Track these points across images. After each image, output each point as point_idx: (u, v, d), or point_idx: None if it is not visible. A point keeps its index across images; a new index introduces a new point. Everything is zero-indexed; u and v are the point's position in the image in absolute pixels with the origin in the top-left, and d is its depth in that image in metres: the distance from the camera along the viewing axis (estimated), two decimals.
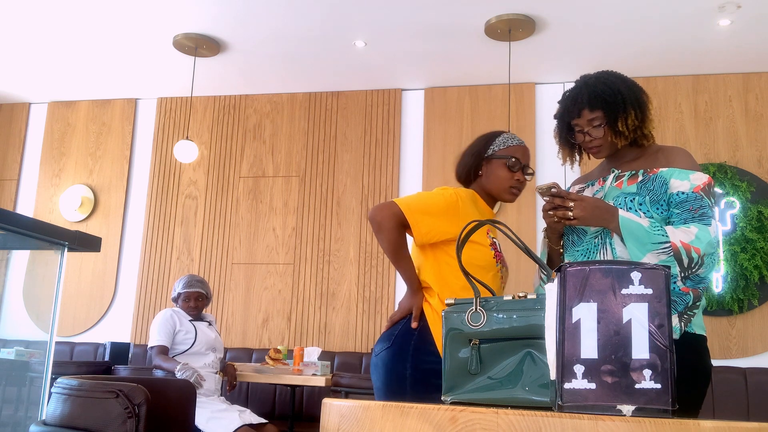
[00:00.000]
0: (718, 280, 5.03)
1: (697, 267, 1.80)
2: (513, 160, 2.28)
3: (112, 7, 4.76)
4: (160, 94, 6.33)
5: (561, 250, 2.04)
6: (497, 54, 5.18)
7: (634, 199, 1.93)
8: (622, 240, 1.85)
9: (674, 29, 4.77)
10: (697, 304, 1.85)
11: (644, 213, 1.91)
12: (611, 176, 2.03)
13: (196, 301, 4.06)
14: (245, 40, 5.22)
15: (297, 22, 4.87)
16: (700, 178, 1.89)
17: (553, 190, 1.85)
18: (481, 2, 4.55)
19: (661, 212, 1.90)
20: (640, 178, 1.95)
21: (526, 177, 2.33)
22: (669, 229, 1.82)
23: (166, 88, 6.18)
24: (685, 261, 1.79)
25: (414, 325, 2.08)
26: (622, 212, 1.86)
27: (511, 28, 4.80)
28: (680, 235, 1.80)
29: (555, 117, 2.12)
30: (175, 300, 4.13)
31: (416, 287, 2.13)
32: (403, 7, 4.62)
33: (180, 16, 4.91)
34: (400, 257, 2.11)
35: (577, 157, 2.16)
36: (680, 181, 1.89)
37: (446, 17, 4.74)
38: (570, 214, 1.84)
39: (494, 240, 2.28)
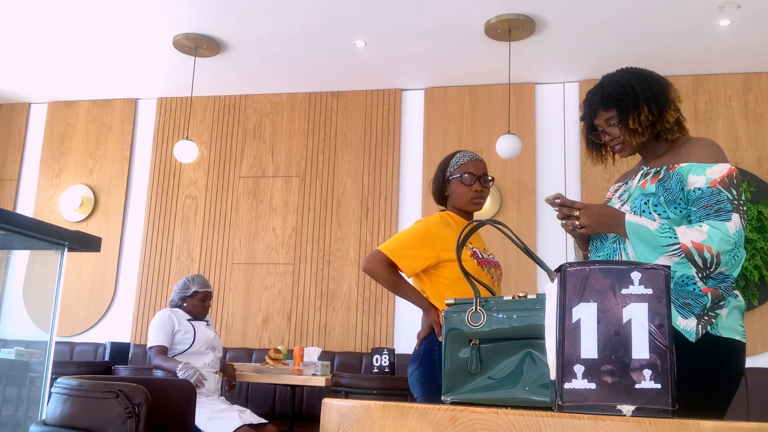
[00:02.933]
0: None
1: (714, 266, 1.74)
2: (466, 176, 2.60)
3: (113, 7, 4.76)
4: (160, 94, 6.33)
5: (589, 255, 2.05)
6: (497, 54, 5.18)
7: (649, 200, 1.88)
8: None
9: (674, 29, 4.77)
10: (720, 304, 1.79)
11: (659, 214, 1.85)
12: (639, 174, 2.00)
13: (209, 301, 4.09)
14: (245, 40, 5.22)
15: (297, 22, 4.87)
16: (719, 171, 1.81)
17: (557, 200, 1.85)
18: (481, 2, 4.55)
19: (679, 211, 1.84)
20: (662, 175, 1.90)
21: (485, 186, 2.65)
22: (680, 229, 1.77)
23: (166, 88, 6.18)
24: (699, 261, 1.74)
25: (441, 338, 2.37)
26: (629, 216, 1.83)
27: (511, 28, 4.80)
28: (692, 234, 1.75)
29: (580, 119, 2.13)
30: (187, 298, 4.03)
31: (427, 306, 2.45)
32: (403, 7, 4.62)
33: (180, 16, 4.91)
34: (400, 289, 2.48)
35: (610, 157, 2.13)
36: (697, 176, 1.83)
37: (446, 17, 4.74)
38: (577, 223, 1.84)
39: (474, 249, 2.57)
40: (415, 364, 2.43)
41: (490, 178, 2.66)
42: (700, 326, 1.77)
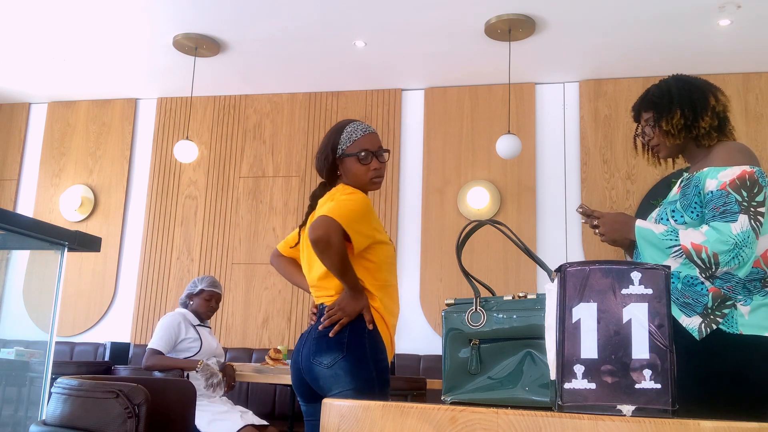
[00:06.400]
0: None
1: (714, 267, 1.78)
2: (363, 154, 2.26)
3: (113, 7, 4.77)
4: (160, 94, 6.33)
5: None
6: (497, 54, 5.18)
7: (667, 209, 1.96)
8: None
9: (674, 29, 4.77)
10: (728, 303, 1.82)
11: (676, 220, 1.91)
12: (679, 181, 2.06)
13: (216, 302, 4.05)
14: (245, 40, 5.22)
15: (297, 22, 4.87)
16: (731, 174, 1.85)
17: (578, 210, 1.98)
18: (481, 2, 4.55)
19: (696, 215, 1.90)
20: (687, 181, 1.97)
21: (382, 161, 2.32)
22: (684, 232, 1.83)
23: (166, 88, 6.18)
24: (699, 262, 1.79)
25: (371, 327, 2.17)
26: (638, 222, 1.90)
27: (511, 28, 4.80)
28: (692, 236, 1.80)
29: (634, 120, 2.24)
30: (193, 296, 3.99)
31: (361, 288, 2.18)
32: (403, 7, 4.62)
33: (180, 16, 4.91)
34: (347, 267, 2.13)
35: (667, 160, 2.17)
36: (711, 179, 1.88)
37: (446, 17, 4.74)
38: (597, 232, 1.95)
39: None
40: (337, 353, 2.12)
41: (386, 150, 2.34)
42: (703, 325, 1.81)
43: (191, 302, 4.01)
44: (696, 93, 2.02)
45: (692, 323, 1.81)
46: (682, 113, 1.99)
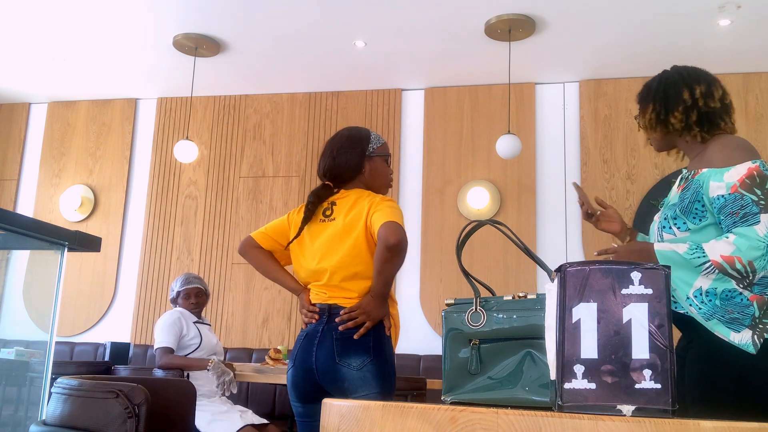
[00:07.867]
0: None
1: (751, 275, 1.72)
2: (389, 156, 2.44)
3: (113, 7, 4.77)
4: (160, 94, 6.33)
5: None
6: (497, 54, 5.18)
7: (668, 215, 1.91)
8: None
9: (674, 29, 4.77)
10: None
11: (678, 227, 1.86)
12: (678, 178, 2.01)
13: (196, 297, 4.01)
14: (245, 40, 5.22)
15: (297, 22, 4.87)
16: (737, 174, 1.77)
17: (575, 186, 2.20)
18: (481, 2, 4.55)
19: (698, 220, 1.83)
20: (687, 183, 1.91)
21: None
22: (709, 246, 1.75)
23: (166, 88, 6.18)
24: (734, 273, 1.72)
25: (389, 333, 2.24)
26: (657, 246, 1.83)
27: (511, 28, 4.80)
28: (720, 248, 1.72)
29: None
30: (174, 300, 4.05)
31: (387, 297, 2.24)
32: (403, 7, 4.62)
33: (180, 16, 4.91)
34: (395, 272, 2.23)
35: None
36: (717, 183, 1.80)
37: (446, 17, 4.74)
38: None
39: None
40: (366, 356, 2.16)
41: None
42: (755, 336, 1.73)
43: (176, 306, 4.03)
44: (671, 88, 1.97)
45: (743, 338, 1.73)
46: (653, 108, 1.99)
